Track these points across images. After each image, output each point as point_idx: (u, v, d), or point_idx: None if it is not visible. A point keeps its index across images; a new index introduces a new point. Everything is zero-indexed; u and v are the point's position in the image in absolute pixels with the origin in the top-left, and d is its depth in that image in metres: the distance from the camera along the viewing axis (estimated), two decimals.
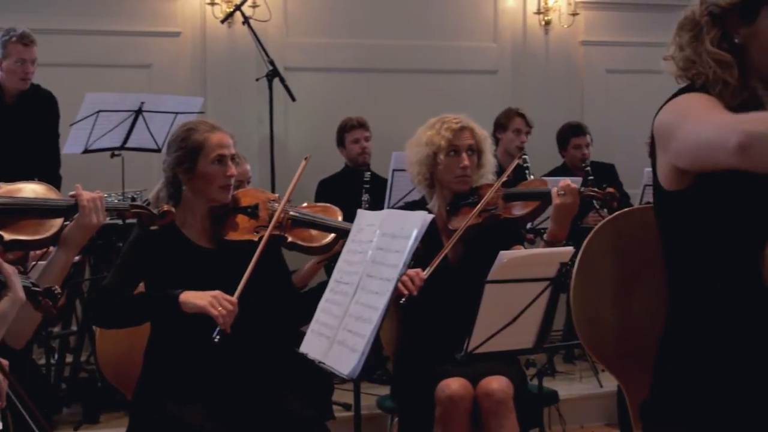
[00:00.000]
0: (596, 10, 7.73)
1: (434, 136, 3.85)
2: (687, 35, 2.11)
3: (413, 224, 2.96)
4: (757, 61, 2.08)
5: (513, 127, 6.48)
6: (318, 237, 3.52)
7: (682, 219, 2.12)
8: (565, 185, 3.61)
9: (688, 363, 2.11)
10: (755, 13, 2.05)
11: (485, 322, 3.17)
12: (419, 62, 7.38)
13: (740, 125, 1.79)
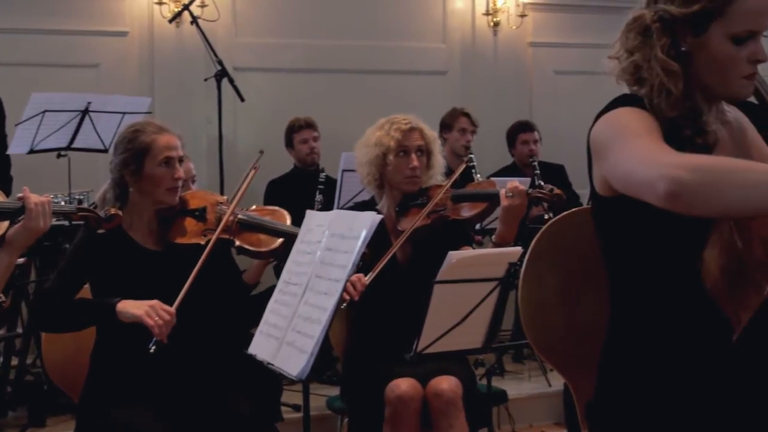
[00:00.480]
0: (544, 12, 7.78)
1: (383, 137, 3.85)
2: (636, 39, 2.11)
3: (362, 225, 2.96)
4: (702, 72, 2.09)
5: (458, 126, 6.52)
6: (266, 241, 3.51)
7: (618, 224, 2.14)
8: (513, 187, 3.63)
9: (631, 364, 2.13)
10: (706, 26, 2.05)
11: (434, 322, 3.17)
12: (368, 63, 7.38)
13: (671, 171, 1.79)
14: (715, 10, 2.03)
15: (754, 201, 1.76)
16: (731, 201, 1.77)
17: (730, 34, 2.04)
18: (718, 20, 2.04)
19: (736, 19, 2.03)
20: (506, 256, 3.22)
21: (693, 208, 1.79)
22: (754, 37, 2.05)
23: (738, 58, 2.05)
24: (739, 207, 1.77)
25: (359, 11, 7.38)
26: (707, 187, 1.77)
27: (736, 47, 2.04)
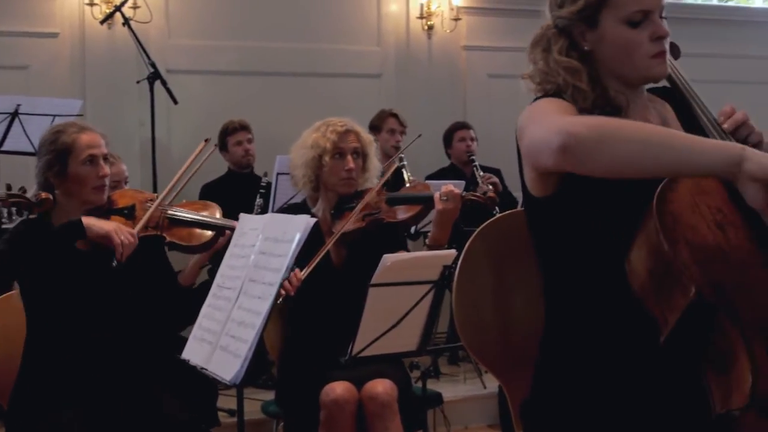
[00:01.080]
0: (478, 16, 7.83)
1: (319, 139, 3.84)
2: (541, 53, 2.17)
3: (296, 228, 2.95)
4: (608, 61, 2.14)
5: (387, 127, 6.55)
6: (197, 235, 3.49)
7: (550, 225, 2.16)
8: (447, 191, 3.65)
9: (564, 363, 2.15)
10: (597, 18, 2.10)
11: (369, 325, 3.18)
12: (303, 65, 7.36)
13: (567, 127, 1.86)
14: (599, 1, 2.09)
15: (640, 159, 1.82)
16: (619, 157, 1.83)
17: (622, 18, 2.08)
18: (607, 9, 2.09)
19: (622, 3, 2.08)
20: (441, 258, 3.24)
21: (583, 163, 1.85)
22: (649, 16, 2.09)
23: (638, 39, 2.09)
24: (625, 163, 1.83)
25: (293, 14, 7.36)
26: (597, 142, 1.83)
27: (633, 30, 2.09)
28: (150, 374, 3.37)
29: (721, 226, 1.91)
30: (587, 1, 2.10)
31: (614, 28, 2.10)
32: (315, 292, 3.58)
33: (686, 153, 1.80)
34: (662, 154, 1.82)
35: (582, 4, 2.10)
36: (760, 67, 8.64)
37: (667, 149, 1.82)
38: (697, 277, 1.82)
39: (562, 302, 2.18)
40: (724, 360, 1.84)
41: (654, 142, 1.83)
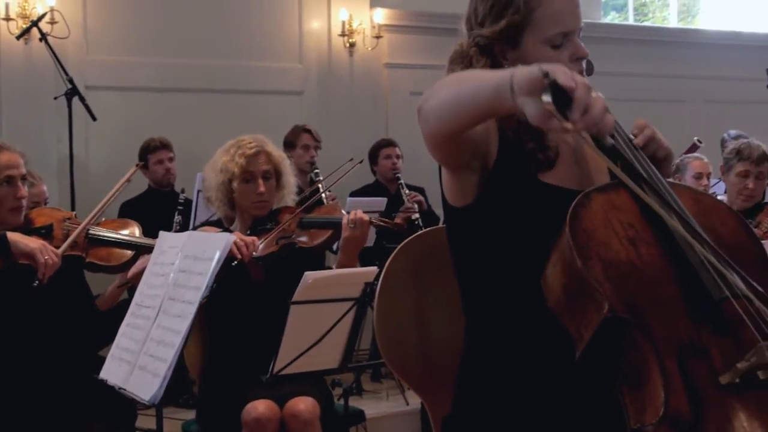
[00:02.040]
0: (399, 33, 7.88)
1: (228, 163, 3.80)
2: (459, 68, 2.16)
3: (216, 246, 2.94)
4: None
5: (301, 143, 6.56)
6: (117, 255, 3.45)
7: (468, 237, 2.17)
8: (356, 218, 3.65)
9: (484, 379, 2.16)
10: (519, 38, 2.12)
11: (291, 343, 3.18)
12: (224, 82, 7.33)
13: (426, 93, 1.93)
14: (522, 21, 2.10)
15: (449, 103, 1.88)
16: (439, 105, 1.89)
17: (544, 40, 2.10)
18: (529, 29, 2.10)
19: (544, 24, 2.09)
20: (362, 275, 3.25)
21: (429, 119, 1.93)
22: (569, 37, 2.12)
23: (559, 60, 2.09)
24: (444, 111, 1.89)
25: (214, 30, 7.33)
26: (431, 95, 1.90)
27: (554, 51, 2.11)
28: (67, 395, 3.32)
29: (633, 242, 1.94)
30: (510, 21, 2.10)
31: (536, 48, 2.11)
32: (235, 310, 3.56)
33: (478, 87, 1.83)
34: (462, 93, 1.85)
35: (505, 24, 2.10)
36: (674, 86, 8.83)
37: (465, 87, 1.86)
38: (610, 293, 1.84)
39: (480, 319, 2.19)
40: (638, 375, 1.86)
41: (459, 84, 1.88)
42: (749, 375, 1.83)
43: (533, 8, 2.09)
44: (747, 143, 4.96)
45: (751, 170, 4.79)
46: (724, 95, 8.94)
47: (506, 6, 2.10)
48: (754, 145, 4.92)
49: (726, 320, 1.89)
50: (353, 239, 3.66)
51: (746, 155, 4.80)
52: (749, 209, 4.83)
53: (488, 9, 2.13)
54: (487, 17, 2.14)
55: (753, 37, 9.29)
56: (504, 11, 2.11)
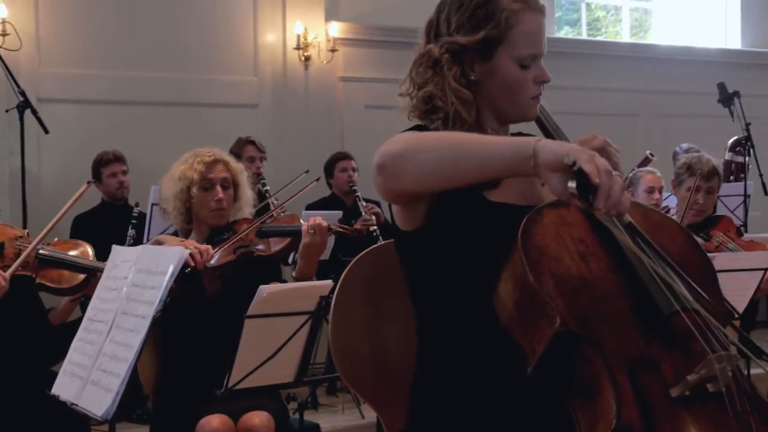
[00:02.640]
0: (354, 47, 7.89)
1: (187, 170, 3.79)
2: (427, 72, 2.16)
3: (169, 260, 2.92)
4: (493, 94, 2.17)
5: (246, 155, 6.53)
6: (68, 278, 3.42)
7: (418, 258, 2.18)
8: (315, 224, 3.66)
9: (438, 395, 2.16)
10: (492, 52, 2.13)
11: (246, 357, 3.17)
12: (179, 95, 7.30)
13: (385, 147, 1.92)
14: (499, 36, 2.12)
15: (443, 166, 1.88)
16: (424, 167, 1.89)
17: (515, 57, 2.13)
18: (503, 45, 2.12)
19: (519, 42, 2.12)
20: (317, 289, 3.25)
21: (395, 178, 1.92)
22: (536, 60, 2.15)
23: (525, 80, 2.14)
24: (431, 173, 1.89)
25: (169, 43, 7.30)
26: (406, 155, 1.89)
27: (522, 70, 2.14)
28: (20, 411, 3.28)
29: (584, 257, 1.96)
30: (488, 34, 2.11)
31: (506, 65, 2.13)
32: (190, 323, 3.54)
33: (484, 154, 1.84)
34: (463, 159, 1.85)
35: (482, 36, 2.12)
36: (627, 100, 8.93)
37: (466, 153, 1.85)
38: (562, 308, 1.86)
39: (433, 334, 2.19)
40: (590, 389, 1.87)
41: (454, 147, 1.87)
42: (699, 387, 1.86)
43: (512, 26, 2.11)
44: (698, 158, 5.02)
45: (702, 185, 4.86)
46: (676, 109, 9.04)
47: (487, 19, 2.12)
48: (704, 159, 4.98)
49: (675, 333, 1.92)
50: (313, 245, 3.67)
51: (697, 170, 4.86)
52: (700, 223, 4.89)
53: (466, 18, 2.14)
54: (463, 26, 2.14)
55: (704, 52, 9.41)
56: (484, 23, 2.12)
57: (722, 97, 7.31)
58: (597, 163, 1.72)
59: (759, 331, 6.53)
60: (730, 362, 1.87)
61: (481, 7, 2.13)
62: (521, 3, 2.13)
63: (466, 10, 2.14)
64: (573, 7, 9.78)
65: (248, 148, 6.61)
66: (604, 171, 1.71)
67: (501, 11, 2.11)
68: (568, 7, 9.76)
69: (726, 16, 9.76)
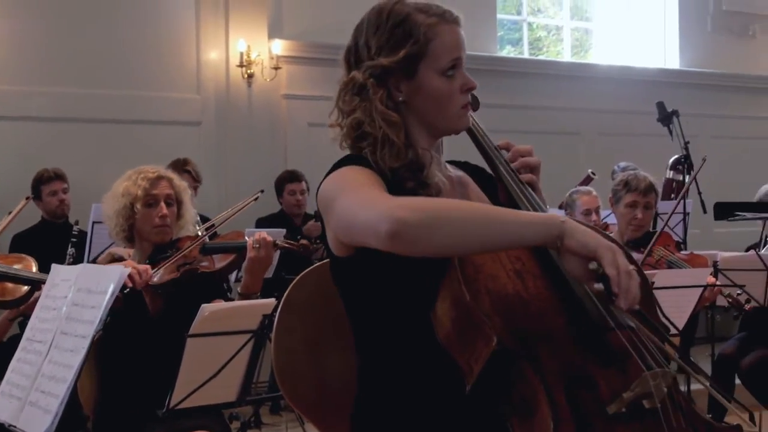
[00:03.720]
0: (298, 65, 7.89)
1: (131, 187, 3.77)
2: (354, 100, 2.17)
3: (110, 279, 2.89)
4: (422, 111, 2.19)
5: None
6: (10, 290, 3.38)
7: (354, 282, 2.18)
8: (260, 239, 3.67)
9: (378, 415, 2.17)
10: (416, 68, 2.16)
11: (188, 376, 3.15)
12: (121, 112, 7.26)
13: (391, 212, 1.87)
14: (420, 52, 2.15)
15: (467, 240, 1.88)
16: (449, 238, 1.87)
17: (439, 70, 2.16)
18: (425, 60, 2.15)
19: (439, 54, 2.15)
20: (260, 307, 3.24)
21: (414, 247, 1.88)
22: (459, 69, 2.19)
23: (452, 90, 2.17)
24: (454, 245, 1.88)
25: (111, 59, 7.25)
26: (426, 225, 1.86)
27: (448, 81, 2.17)
28: None
29: (520, 275, 1.98)
30: (408, 51, 2.14)
31: (431, 78, 2.16)
32: (131, 342, 3.51)
33: (510, 229, 1.87)
34: (488, 234, 1.87)
35: (403, 54, 2.14)
36: (568, 119, 9.02)
37: (492, 229, 1.87)
38: (499, 326, 1.87)
39: (372, 353, 2.20)
40: (527, 407, 1.89)
41: (478, 222, 1.88)
42: (635, 404, 1.89)
43: (430, 39, 2.14)
44: (634, 175, 5.11)
45: (639, 200, 4.93)
46: (617, 128, 9.15)
47: (405, 37, 2.15)
48: (641, 176, 5.07)
49: (611, 351, 1.95)
50: (258, 260, 3.67)
51: (634, 186, 4.94)
52: (639, 239, 4.96)
53: (385, 40, 2.17)
54: (383, 48, 2.16)
55: (644, 71, 9.55)
56: (403, 42, 2.15)
57: (661, 116, 7.41)
58: (619, 266, 1.82)
59: (698, 347, 6.62)
60: (665, 379, 1.90)
61: (398, 27, 2.16)
62: (436, 17, 2.17)
63: (384, 32, 2.17)
64: (515, 26, 9.88)
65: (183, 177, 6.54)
66: (624, 273, 1.82)
67: (418, 27, 2.14)
68: (510, 26, 9.85)
69: (665, 37, 9.91)
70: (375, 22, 2.19)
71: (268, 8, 7.80)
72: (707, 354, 5.54)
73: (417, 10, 2.17)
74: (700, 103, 9.37)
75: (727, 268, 4.82)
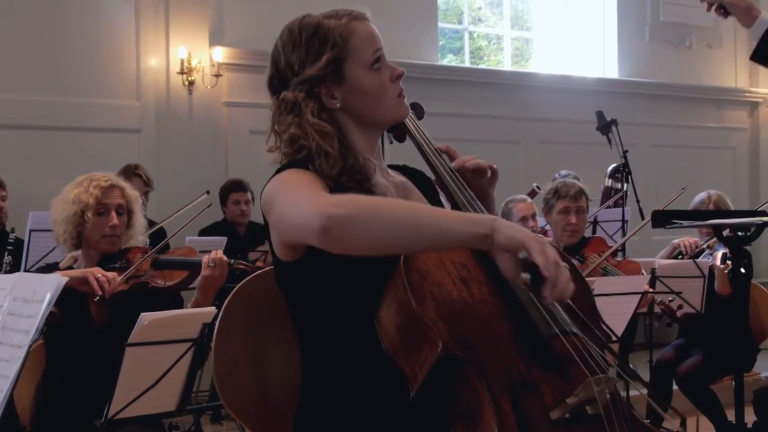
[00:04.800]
0: (239, 72, 7.84)
1: (82, 194, 3.72)
2: (287, 118, 2.19)
3: (47, 288, 2.85)
4: (361, 111, 2.22)
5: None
6: None
7: (300, 286, 2.18)
8: (216, 258, 3.67)
9: (322, 421, 2.17)
10: (342, 70, 2.18)
11: (127, 385, 3.11)
12: (59, 119, 7.16)
13: (324, 209, 1.88)
14: (341, 53, 2.18)
15: (398, 237, 1.87)
16: (378, 236, 1.88)
17: (364, 65, 2.19)
18: (349, 60, 2.18)
19: (361, 49, 2.19)
20: (200, 316, 3.22)
21: (346, 243, 1.89)
22: (381, 60, 2.21)
23: (383, 81, 2.20)
24: (385, 242, 1.88)
25: (49, 66, 7.16)
26: (358, 221, 1.87)
27: (376, 74, 2.20)
28: None
29: (465, 281, 1.99)
30: (330, 56, 2.17)
31: (360, 75, 2.19)
32: (72, 353, 3.46)
33: (442, 228, 1.85)
34: (419, 232, 1.86)
35: (326, 59, 2.17)
36: (510, 127, 9.08)
37: (423, 226, 1.86)
38: (444, 332, 1.88)
39: (316, 360, 2.20)
40: (472, 413, 1.90)
41: (411, 220, 1.87)
42: (579, 410, 1.90)
43: (347, 39, 2.18)
44: (563, 182, 5.21)
45: (571, 206, 5.01)
46: (557, 136, 9.23)
47: (322, 44, 2.18)
48: (569, 182, 5.16)
49: (555, 356, 1.96)
50: (212, 279, 3.67)
51: (564, 193, 5.02)
52: (575, 245, 5.02)
53: (304, 54, 2.20)
54: (305, 61, 2.19)
55: (583, 81, 9.64)
56: (322, 49, 2.18)
57: (600, 125, 7.49)
58: (547, 255, 1.79)
59: (637, 353, 6.70)
60: (608, 384, 1.92)
61: (313, 37, 2.19)
62: (346, 17, 2.21)
63: (302, 46, 2.20)
64: (456, 35, 9.93)
65: (134, 180, 6.48)
66: (553, 263, 1.79)
67: (332, 31, 2.18)
68: (452, 35, 9.90)
69: (604, 46, 10.02)
70: (289, 41, 2.23)
71: (209, 15, 7.75)
72: (645, 360, 5.60)
73: (325, 18, 2.21)
74: (638, 112, 9.50)
75: (665, 275, 4.88)
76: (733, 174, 10.55)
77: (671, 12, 10.08)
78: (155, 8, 7.54)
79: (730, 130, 10.64)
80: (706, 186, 6.41)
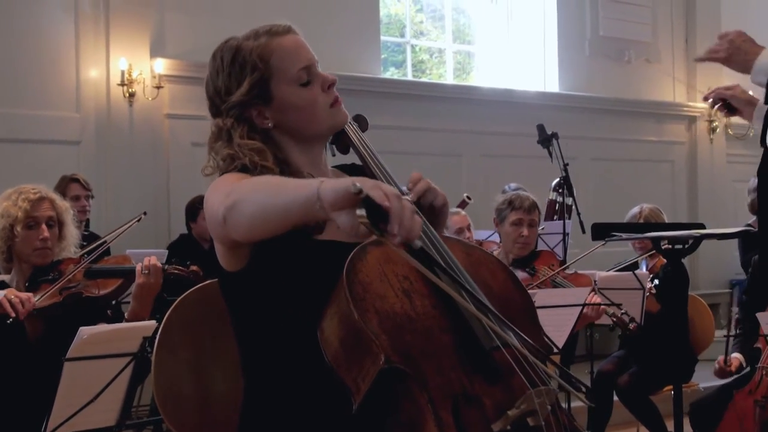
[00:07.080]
0: (180, 84, 7.78)
1: (11, 207, 3.68)
2: (222, 144, 2.19)
3: None
4: (296, 127, 2.21)
5: (71, 194, 6.30)
6: None
7: (243, 298, 2.17)
8: (149, 264, 3.64)
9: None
10: (268, 91, 2.18)
11: (65, 401, 3.08)
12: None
13: (224, 199, 1.91)
14: (263, 74, 2.18)
15: (259, 214, 1.87)
16: (245, 221, 1.89)
17: (291, 81, 2.19)
18: (274, 79, 2.18)
19: (284, 67, 2.18)
20: (141, 330, 3.20)
21: (237, 229, 1.91)
22: (312, 71, 2.21)
23: (313, 95, 2.20)
24: (252, 225, 1.88)
25: None
26: (237, 207, 1.89)
27: (307, 88, 2.20)
28: None
29: (408, 294, 1.99)
30: (251, 80, 2.17)
31: (289, 92, 2.18)
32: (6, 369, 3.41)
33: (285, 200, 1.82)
34: (271, 204, 1.85)
35: (248, 84, 2.17)
36: (451, 140, 9.12)
37: (272, 198, 1.85)
38: (386, 345, 1.88)
39: (259, 373, 2.19)
40: (414, 426, 1.89)
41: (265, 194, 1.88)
42: (520, 422, 1.91)
43: (267, 59, 2.18)
44: (517, 194, 5.22)
45: (524, 218, 5.02)
46: (499, 150, 9.28)
47: (242, 68, 2.18)
48: (523, 195, 5.18)
49: (497, 369, 1.97)
50: (147, 286, 3.65)
51: (518, 205, 5.03)
52: (525, 257, 5.04)
53: (228, 79, 2.20)
54: (230, 87, 2.20)
55: (524, 94, 9.72)
56: (242, 73, 2.18)
57: (541, 138, 7.53)
58: (384, 188, 1.70)
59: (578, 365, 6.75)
60: (548, 396, 1.93)
61: (233, 63, 2.19)
62: (265, 36, 2.21)
63: (224, 73, 2.21)
64: (398, 48, 9.96)
65: (72, 186, 6.40)
66: (393, 195, 1.69)
67: (250, 54, 2.18)
68: (394, 48, 9.93)
69: (544, 61, 10.11)
70: (214, 68, 2.24)
71: (150, 26, 7.70)
72: (586, 371, 5.64)
73: (245, 39, 2.21)
74: (579, 126, 9.59)
75: (606, 287, 4.93)
76: (672, 187, 10.69)
77: (611, 27, 10.21)
78: (95, 19, 7.47)
79: (669, 144, 10.78)
80: (645, 199, 6.50)
